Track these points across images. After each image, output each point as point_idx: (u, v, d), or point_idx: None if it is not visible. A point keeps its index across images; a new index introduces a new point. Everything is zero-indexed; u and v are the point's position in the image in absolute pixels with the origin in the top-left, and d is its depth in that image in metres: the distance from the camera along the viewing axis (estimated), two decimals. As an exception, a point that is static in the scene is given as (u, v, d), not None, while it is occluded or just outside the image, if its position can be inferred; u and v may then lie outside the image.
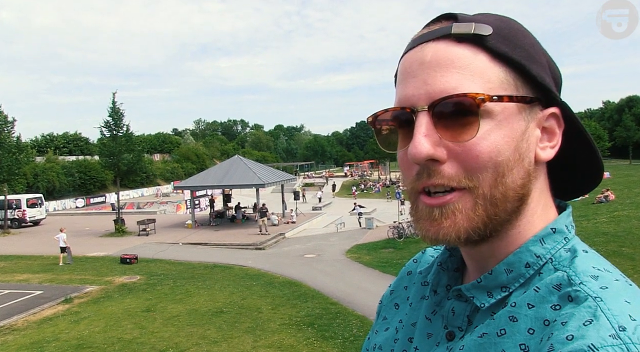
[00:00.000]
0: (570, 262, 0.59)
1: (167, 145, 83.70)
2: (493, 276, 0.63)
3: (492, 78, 0.59)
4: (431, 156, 0.58)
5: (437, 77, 0.59)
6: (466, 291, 0.65)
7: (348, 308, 12.12)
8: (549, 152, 0.63)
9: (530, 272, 0.61)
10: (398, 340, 0.78)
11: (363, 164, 79.20)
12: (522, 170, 0.60)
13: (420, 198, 0.63)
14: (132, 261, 18.81)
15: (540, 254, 0.61)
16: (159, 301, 13.14)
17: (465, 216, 0.59)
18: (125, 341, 10.09)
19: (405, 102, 0.62)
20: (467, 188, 0.59)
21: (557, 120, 0.64)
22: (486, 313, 0.63)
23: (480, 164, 0.58)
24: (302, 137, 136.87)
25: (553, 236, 0.62)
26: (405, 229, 23.73)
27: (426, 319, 0.73)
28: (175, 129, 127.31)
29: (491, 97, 0.58)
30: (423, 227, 0.62)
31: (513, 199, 0.60)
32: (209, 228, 28.05)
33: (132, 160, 29.02)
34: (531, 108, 0.62)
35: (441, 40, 0.61)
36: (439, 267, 0.75)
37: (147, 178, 60.15)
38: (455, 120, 0.58)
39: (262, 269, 17.39)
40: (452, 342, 0.66)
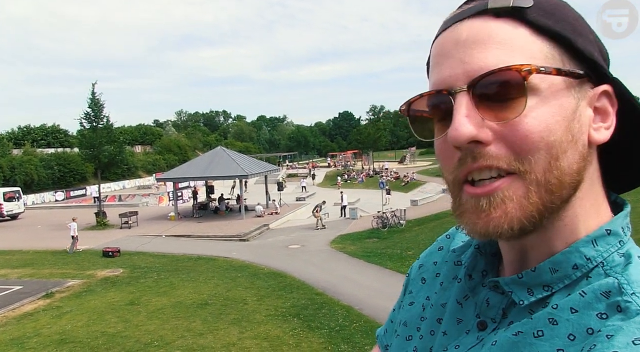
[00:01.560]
0: (624, 269, 0.54)
1: (149, 137, 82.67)
2: (536, 273, 0.58)
3: (535, 53, 0.54)
4: (474, 137, 0.53)
5: (475, 54, 0.54)
6: (505, 285, 0.60)
7: (333, 298, 12.16)
8: (604, 133, 0.57)
9: (578, 275, 0.56)
10: (425, 319, 0.74)
11: (346, 154, 79.33)
12: (577, 153, 0.55)
13: (464, 189, 0.57)
14: (115, 254, 18.62)
15: (590, 257, 0.56)
16: (142, 294, 13.03)
17: (518, 204, 0.54)
18: (109, 335, 9.99)
19: (441, 85, 0.57)
20: (517, 173, 0.54)
21: (609, 99, 0.58)
22: (524, 310, 0.59)
23: (530, 145, 0.53)
24: (285, 127, 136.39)
25: (607, 238, 0.57)
26: (389, 218, 23.87)
27: (457, 304, 0.69)
28: (157, 120, 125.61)
29: (538, 69, 0.52)
30: (470, 220, 0.57)
31: (569, 185, 0.55)
32: (192, 220, 27.86)
33: (114, 152, 28.61)
34: (581, 85, 0.56)
35: (477, 17, 0.56)
36: (477, 251, 0.69)
37: (129, 170, 59.38)
38: (499, 98, 0.53)
39: (246, 260, 17.34)
40: (484, 332, 0.62)
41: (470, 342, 0.63)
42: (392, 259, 16.13)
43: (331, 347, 9.05)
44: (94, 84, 27.61)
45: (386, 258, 16.44)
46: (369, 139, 71.87)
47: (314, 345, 9.21)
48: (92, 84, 27.54)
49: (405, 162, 77.62)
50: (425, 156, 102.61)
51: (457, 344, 0.65)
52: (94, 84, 27.61)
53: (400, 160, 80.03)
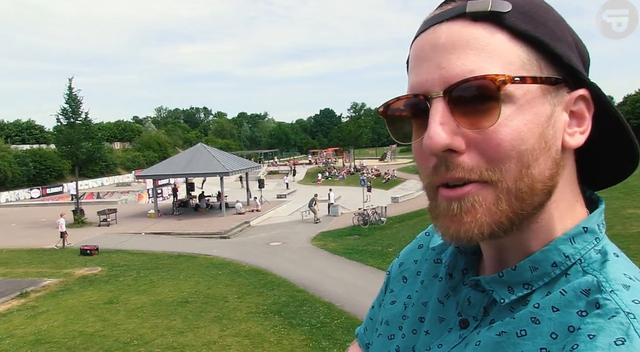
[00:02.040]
0: (601, 266, 0.55)
1: (128, 134, 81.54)
2: (517, 272, 0.58)
3: (512, 59, 0.54)
4: (448, 146, 0.53)
5: (452, 59, 0.54)
6: (486, 283, 0.60)
7: (315, 295, 12.16)
8: (578, 138, 0.58)
9: (557, 272, 0.56)
10: (407, 318, 0.74)
11: (327, 151, 79.42)
12: (550, 159, 0.55)
13: (439, 192, 0.58)
14: (93, 252, 18.32)
15: (569, 254, 0.57)
16: (122, 293, 12.87)
17: (487, 210, 0.54)
18: (86, 335, 9.84)
19: (418, 89, 0.57)
20: (488, 181, 0.54)
21: (586, 103, 0.58)
22: (505, 308, 0.59)
23: (502, 154, 0.53)
24: (266, 125, 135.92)
25: (584, 236, 0.58)
26: (370, 216, 23.97)
27: (439, 302, 0.69)
28: (136, 116, 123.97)
29: (513, 79, 0.52)
30: (443, 224, 0.57)
31: (541, 192, 0.55)
32: (173, 217, 27.60)
33: (92, 149, 28.12)
34: (557, 90, 0.56)
35: (455, 20, 0.56)
36: (457, 250, 0.69)
37: (107, 167, 58.44)
38: (474, 106, 0.53)
39: (227, 257, 17.25)
40: (466, 331, 0.62)
41: (453, 341, 0.63)
42: (373, 256, 16.21)
43: (312, 344, 9.06)
44: (71, 79, 27.10)
45: (367, 255, 16.51)
46: (350, 136, 72.03)
47: (295, 342, 9.20)
48: (69, 79, 27.02)
49: (386, 159, 78.04)
50: (405, 154, 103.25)
51: (440, 343, 0.65)
52: (71, 79, 27.10)
53: (381, 158, 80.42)
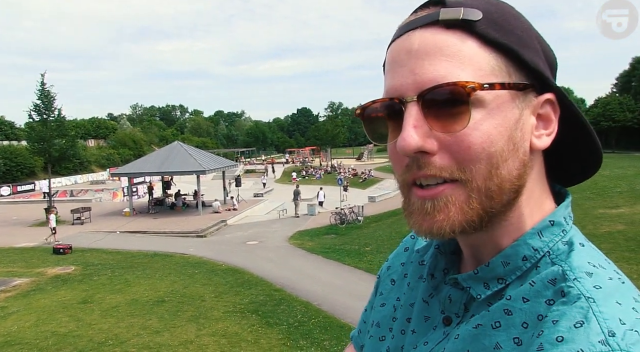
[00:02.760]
0: (567, 256, 0.58)
1: (102, 131, 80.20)
2: (490, 268, 0.62)
3: (482, 65, 0.57)
4: (420, 148, 0.57)
5: (425, 65, 0.57)
6: (462, 281, 0.64)
7: (292, 294, 12.17)
8: (545, 140, 0.61)
9: (527, 266, 0.60)
10: (397, 319, 0.77)
11: (304, 150, 79.42)
12: (518, 160, 0.58)
13: (413, 191, 0.61)
14: (66, 251, 17.97)
15: (537, 248, 0.60)
16: (96, 292, 12.67)
17: (459, 209, 0.58)
18: (59, 335, 9.66)
19: (393, 93, 0.60)
20: (459, 180, 0.57)
21: (552, 107, 0.61)
22: (483, 303, 0.62)
23: (472, 156, 0.56)
24: (243, 123, 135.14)
25: (551, 229, 0.61)
26: (347, 215, 24.08)
27: (423, 302, 0.73)
28: (111, 113, 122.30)
29: (482, 85, 0.55)
30: (416, 221, 0.61)
31: (509, 191, 0.59)
32: (148, 216, 27.26)
33: (65, 146, 27.57)
34: (525, 95, 0.59)
35: (429, 27, 0.58)
36: (437, 251, 0.73)
37: (81, 165, 57.40)
38: (446, 110, 0.56)
39: (204, 256, 17.11)
40: (449, 327, 0.66)
41: (437, 338, 0.67)
42: (350, 255, 16.29)
43: (290, 343, 9.08)
44: (43, 74, 26.49)
45: (344, 254, 16.58)
46: (327, 135, 72.13)
47: (272, 341, 9.21)
48: (41, 74, 26.44)
49: (363, 159, 78.36)
50: (382, 153, 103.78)
51: (426, 341, 0.68)
52: (43, 74, 26.49)
53: (358, 157, 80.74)
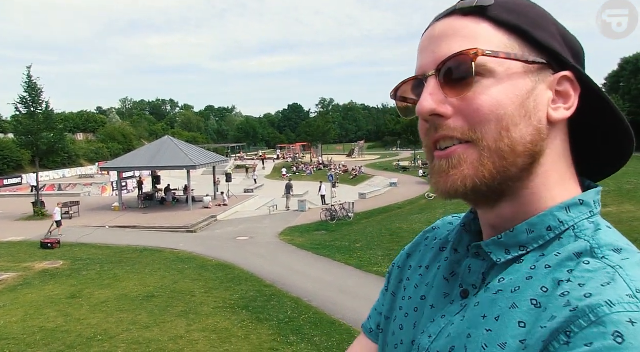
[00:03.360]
0: (594, 233, 0.61)
1: (91, 125, 79.48)
2: (514, 233, 0.65)
3: (494, 42, 0.63)
4: (434, 111, 0.63)
5: (443, 45, 0.64)
6: (485, 246, 0.67)
7: (282, 290, 12.17)
8: (562, 112, 0.65)
9: (551, 236, 0.63)
10: (410, 298, 0.81)
11: (295, 146, 79.35)
12: (531, 127, 0.63)
13: (433, 153, 0.67)
14: (54, 245, 17.82)
15: (563, 221, 0.63)
16: (85, 287, 12.58)
17: (471, 165, 0.63)
18: (47, 330, 9.58)
19: (418, 72, 0.68)
20: (471, 141, 0.63)
21: (571, 84, 0.65)
22: (500, 269, 0.65)
23: (482, 117, 0.62)
24: (234, 118, 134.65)
25: (579, 207, 0.64)
26: (337, 211, 24.09)
27: (444, 280, 0.75)
28: (100, 107, 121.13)
29: (484, 52, 0.61)
30: (436, 180, 0.66)
31: (523, 154, 0.63)
32: (138, 211, 27.10)
33: (53, 140, 27.28)
34: (540, 71, 0.64)
35: (449, 16, 0.66)
36: (462, 228, 0.77)
37: (70, 158, 56.84)
38: (457, 79, 0.62)
39: (194, 252, 17.06)
40: (466, 300, 0.68)
41: (454, 310, 0.69)
42: (341, 252, 16.32)
43: (280, 339, 9.08)
44: (29, 67, 26.16)
45: (335, 250, 16.61)
46: (318, 131, 72.11)
47: (263, 337, 9.20)
48: (27, 67, 26.09)
49: (353, 155, 78.48)
50: (373, 150, 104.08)
51: (443, 314, 0.70)
52: (29, 67, 26.16)
53: (349, 154, 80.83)
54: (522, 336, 0.55)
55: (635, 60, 48.72)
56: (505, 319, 0.58)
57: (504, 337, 0.57)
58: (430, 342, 0.69)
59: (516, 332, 0.56)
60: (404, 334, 0.78)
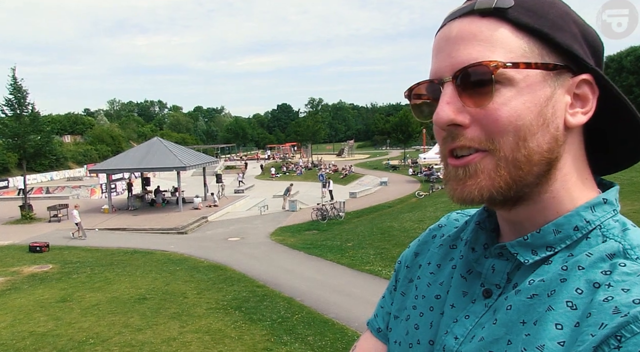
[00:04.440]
0: (623, 234, 0.62)
1: (79, 127, 78.73)
2: (541, 234, 0.65)
3: (513, 48, 0.61)
4: (452, 121, 0.63)
5: (460, 50, 0.63)
6: (511, 247, 0.67)
7: (275, 290, 12.16)
8: (579, 117, 0.65)
9: (578, 235, 0.63)
10: (425, 297, 0.80)
11: (285, 146, 79.25)
12: (548, 135, 0.62)
13: (448, 161, 0.67)
14: (43, 249, 17.65)
15: (590, 220, 0.64)
16: (75, 290, 12.47)
17: (487, 176, 0.63)
18: (38, 335, 9.48)
19: (434, 75, 0.66)
20: (488, 150, 0.62)
21: (590, 87, 0.65)
22: (528, 270, 0.65)
23: (500, 128, 0.61)
24: (223, 119, 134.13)
25: (604, 206, 0.65)
26: (328, 210, 24.11)
27: (461, 278, 0.75)
28: (88, 109, 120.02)
29: (505, 64, 0.60)
30: (451, 187, 0.66)
31: (539, 162, 0.63)
32: (128, 213, 26.93)
33: (40, 142, 26.99)
34: (558, 75, 0.63)
35: (466, 16, 0.64)
36: (477, 226, 0.77)
37: (57, 161, 56.15)
38: (475, 88, 0.61)
39: (185, 253, 16.99)
40: (490, 300, 0.68)
41: (479, 311, 0.69)
42: (332, 251, 16.33)
43: (274, 339, 9.06)
44: (13, 68, 25.86)
45: (326, 250, 16.61)
46: (307, 131, 72.10)
47: (256, 337, 9.18)
48: (12, 68, 25.79)
49: (343, 155, 78.56)
50: (362, 149, 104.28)
51: (467, 314, 0.70)
52: (13, 68, 25.86)
53: (339, 153, 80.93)
54: (559, 338, 0.56)
55: (619, 58, 49.18)
56: (542, 322, 0.59)
57: (542, 339, 0.57)
58: (458, 345, 0.69)
59: (553, 334, 0.57)
60: (420, 333, 0.77)
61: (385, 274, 12.91)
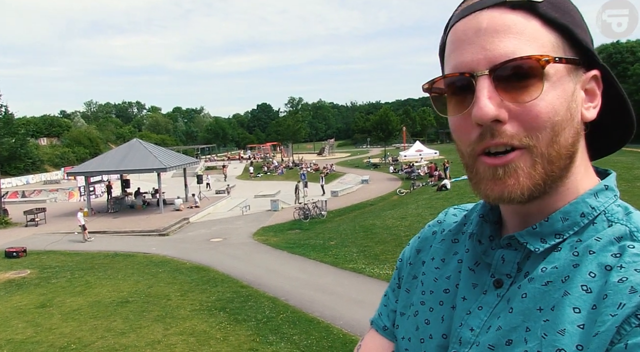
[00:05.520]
0: (627, 217, 0.64)
1: (55, 129, 77.25)
2: (549, 223, 0.66)
3: (544, 42, 0.62)
4: (496, 117, 0.61)
5: (496, 42, 0.62)
6: (520, 237, 0.68)
7: (259, 290, 12.12)
8: (592, 112, 0.67)
9: (585, 222, 0.65)
10: (433, 292, 0.81)
11: (265, 146, 78.92)
12: (573, 129, 0.64)
13: (481, 159, 0.65)
14: (20, 254, 17.30)
15: (594, 206, 0.66)
16: (55, 295, 12.26)
17: (527, 174, 0.63)
18: (16, 342, 9.29)
19: (463, 68, 0.64)
20: (526, 147, 0.62)
21: (597, 82, 0.67)
22: (538, 258, 0.67)
23: (540, 124, 0.62)
24: (202, 119, 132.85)
25: (606, 192, 0.68)
26: (310, 210, 24.10)
27: (470, 270, 0.76)
28: (64, 111, 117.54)
29: (554, 59, 0.61)
30: (486, 187, 0.65)
31: (566, 156, 0.64)
32: (107, 215, 26.53)
33: (15, 145, 26.49)
34: (577, 70, 0.65)
35: (495, 8, 0.63)
36: (482, 219, 0.78)
37: (33, 164, 55.14)
38: (517, 83, 0.61)
39: (167, 255, 16.83)
40: (501, 290, 0.69)
41: (492, 301, 0.70)
42: (316, 250, 16.34)
43: (259, 339, 9.04)
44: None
45: (309, 249, 16.61)
46: (288, 131, 71.96)
47: (241, 338, 9.15)
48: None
49: (324, 154, 78.57)
50: (343, 148, 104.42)
51: (480, 306, 0.71)
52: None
53: (320, 152, 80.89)
54: (579, 321, 0.58)
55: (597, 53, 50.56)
56: (560, 308, 0.60)
57: (562, 324, 0.59)
58: (474, 336, 0.69)
59: (573, 318, 0.58)
60: (431, 328, 0.78)
61: (369, 272, 12.97)
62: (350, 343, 8.67)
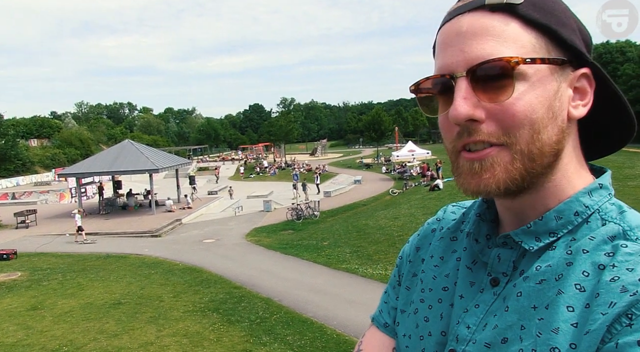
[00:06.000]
0: (621, 216, 0.65)
1: (46, 130, 76.69)
2: (543, 221, 0.67)
3: (524, 43, 0.63)
4: (470, 117, 0.63)
5: (474, 44, 0.63)
6: (515, 235, 0.69)
7: (252, 291, 12.10)
8: (581, 110, 0.68)
9: (579, 220, 0.66)
10: (432, 290, 0.82)
11: (258, 146, 78.80)
12: (556, 127, 0.65)
13: (462, 155, 0.67)
14: (11, 256, 17.15)
15: (588, 205, 0.67)
16: (46, 298, 12.16)
17: (504, 168, 0.64)
18: (6, 346, 9.19)
19: (445, 70, 0.66)
20: (505, 144, 0.64)
21: (588, 80, 0.68)
22: (533, 257, 0.68)
23: (516, 122, 0.63)
24: (194, 120, 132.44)
25: (600, 191, 0.68)
26: (303, 210, 24.10)
27: (467, 269, 0.77)
28: (54, 112, 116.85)
29: (524, 60, 0.62)
30: (464, 181, 0.67)
31: (549, 154, 0.65)
32: (99, 217, 26.39)
33: (5, 147, 26.31)
34: (563, 69, 0.66)
35: (476, 11, 0.65)
36: (479, 218, 0.79)
37: (24, 165, 54.61)
38: (492, 83, 0.62)
39: (159, 256, 16.76)
40: (498, 288, 0.70)
41: (488, 300, 0.71)
42: (308, 250, 16.34)
43: (253, 340, 9.02)
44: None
45: (302, 249, 16.61)
46: (280, 131, 71.93)
47: (235, 339, 9.12)
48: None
49: (316, 154, 78.60)
50: (336, 148, 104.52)
51: (477, 304, 0.72)
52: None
53: (312, 153, 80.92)
54: (572, 320, 0.59)
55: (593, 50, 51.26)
56: (554, 306, 0.61)
57: (556, 322, 0.60)
58: (471, 334, 0.70)
59: (566, 317, 0.59)
60: (430, 325, 0.79)
61: (362, 272, 12.99)
62: (343, 343, 8.68)
